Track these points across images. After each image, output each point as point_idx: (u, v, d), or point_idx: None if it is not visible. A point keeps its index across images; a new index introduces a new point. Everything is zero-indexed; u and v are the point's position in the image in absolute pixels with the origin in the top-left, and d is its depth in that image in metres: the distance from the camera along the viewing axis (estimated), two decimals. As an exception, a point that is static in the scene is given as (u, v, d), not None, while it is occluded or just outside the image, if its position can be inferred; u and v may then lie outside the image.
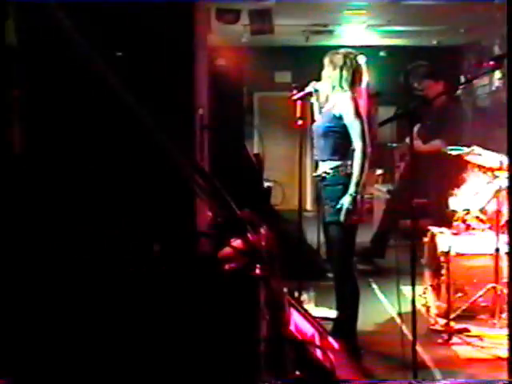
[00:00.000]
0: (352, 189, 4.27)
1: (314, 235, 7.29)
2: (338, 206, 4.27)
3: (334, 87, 4.46)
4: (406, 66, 11.20)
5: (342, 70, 4.44)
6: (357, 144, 4.31)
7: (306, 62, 9.14)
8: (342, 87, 4.42)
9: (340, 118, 4.36)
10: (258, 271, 2.08)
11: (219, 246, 2.16)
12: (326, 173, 4.39)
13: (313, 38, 9.67)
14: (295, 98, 4.79)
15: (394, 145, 8.34)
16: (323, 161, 4.42)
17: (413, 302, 3.74)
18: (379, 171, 10.16)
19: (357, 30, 9.53)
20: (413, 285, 3.73)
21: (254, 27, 7.67)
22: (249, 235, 2.10)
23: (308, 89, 4.67)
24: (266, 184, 6.80)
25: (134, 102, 1.99)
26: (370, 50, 10.77)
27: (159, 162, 2.06)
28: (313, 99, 4.69)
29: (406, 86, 11.17)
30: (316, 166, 4.62)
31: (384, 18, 8.73)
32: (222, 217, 2.23)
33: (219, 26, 7.32)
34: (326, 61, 4.52)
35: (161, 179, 2.08)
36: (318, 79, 4.61)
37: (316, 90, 4.62)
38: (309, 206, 10.68)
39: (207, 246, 2.18)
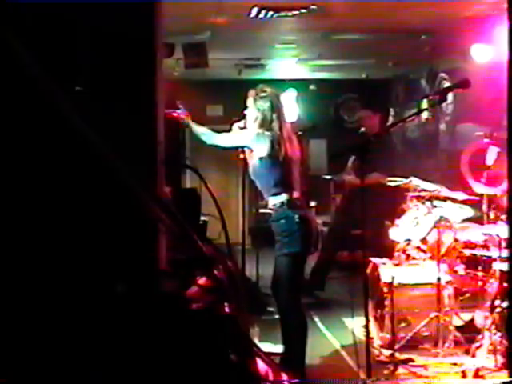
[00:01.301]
0: None
1: (251, 269, 7.28)
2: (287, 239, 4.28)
3: (261, 128, 4.45)
4: (336, 98, 11.42)
5: (269, 111, 4.43)
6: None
7: (239, 95, 9.16)
8: (263, 128, 4.43)
9: (261, 158, 4.38)
10: (226, 309, 2.02)
11: (184, 284, 2.09)
12: (270, 209, 4.43)
13: (245, 72, 9.72)
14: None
15: (330, 177, 8.41)
16: (267, 199, 4.47)
17: (367, 334, 3.72)
18: (313, 203, 10.23)
19: (288, 64, 9.65)
20: (366, 316, 3.72)
21: (188, 61, 7.63)
22: (215, 272, 2.04)
23: (233, 131, 4.69)
24: (202, 218, 6.74)
25: (93, 135, 1.92)
26: (300, 83, 11.03)
27: (122, 198, 1.98)
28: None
29: (337, 118, 11.38)
30: (255, 209, 4.70)
31: (314, 52, 8.85)
32: (186, 253, 2.16)
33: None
34: (250, 103, 4.54)
35: (122, 215, 2.00)
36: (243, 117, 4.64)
37: (242, 129, 4.62)
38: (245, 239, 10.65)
39: (172, 284, 2.10)
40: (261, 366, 3.32)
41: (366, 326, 3.73)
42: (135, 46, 2.04)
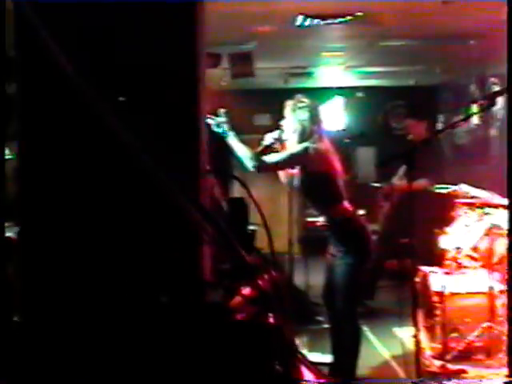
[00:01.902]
0: None
1: (300, 278, 7.23)
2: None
3: (299, 139, 4.39)
4: (384, 106, 11.32)
5: (308, 122, 4.38)
6: None
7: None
8: (307, 139, 4.36)
9: (315, 174, 4.34)
10: (269, 320, 2.00)
11: (228, 294, 2.08)
12: (327, 221, 4.39)
13: (292, 80, 9.71)
14: (257, 151, 4.56)
15: (379, 185, 8.32)
16: (321, 214, 4.44)
17: (417, 343, 3.66)
18: (361, 212, 10.13)
19: (335, 72, 9.60)
20: (415, 325, 3.66)
21: (235, 71, 7.66)
22: (259, 282, 2.02)
23: (266, 142, 4.52)
24: (250, 228, 6.72)
25: (137, 147, 1.92)
26: (348, 91, 10.97)
27: (166, 209, 1.98)
28: (276, 146, 4.53)
29: (385, 126, 11.27)
30: (302, 218, 4.63)
31: (362, 59, 8.79)
32: (230, 263, 2.16)
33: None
34: (287, 113, 4.47)
35: (167, 227, 2.00)
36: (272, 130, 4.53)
37: (277, 139, 4.50)
38: (295, 248, 10.60)
39: (215, 295, 2.09)
40: (308, 376, 3.29)
41: (415, 336, 3.67)
42: (177, 55, 2.05)
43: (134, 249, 2.05)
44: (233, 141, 4.40)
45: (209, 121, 4.40)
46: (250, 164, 4.36)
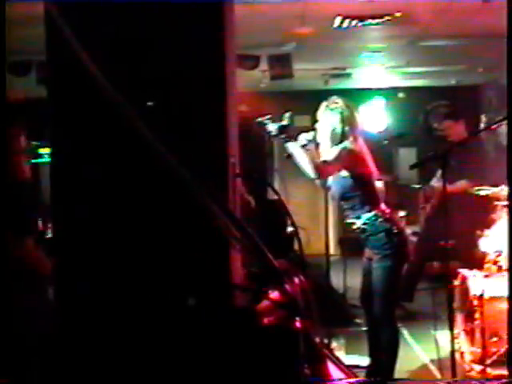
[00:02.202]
0: None
1: (339, 280, 7.20)
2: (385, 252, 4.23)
3: (332, 141, 4.37)
4: (425, 106, 11.19)
5: (338, 123, 4.34)
6: None
7: (325, 105, 9.16)
8: (340, 141, 4.33)
9: (351, 176, 4.32)
10: (297, 324, 2.00)
11: (256, 298, 2.08)
12: (364, 224, 4.35)
13: (332, 81, 9.68)
14: (288, 154, 4.52)
15: (419, 186, 8.24)
16: (358, 217, 4.37)
17: (452, 347, 3.62)
18: (402, 213, 10.04)
19: (376, 72, 9.54)
20: (451, 329, 3.62)
21: (274, 72, 7.67)
22: (287, 286, 2.03)
23: (300, 141, 4.45)
24: (288, 229, 6.73)
25: (165, 151, 1.94)
26: (389, 92, 10.88)
27: (193, 212, 2.00)
28: (309, 147, 4.46)
29: (426, 126, 11.14)
30: (342, 220, 4.55)
31: (402, 60, 8.72)
32: (258, 268, 2.16)
33: (238, 72, 7.33)
34: (321, 116, 4.44)
35: (196, 230, 2.01)
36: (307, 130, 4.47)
37: (311, 141, 4.46)
38: (332, 250, 10.55)
39: (244, 299, 2.10)
40: (342, 379, 3.28)
41: (452, 341, 3.63)
42: (204, 58, 2.06)
43: (163, 251, 2.07)
44: (294, 148, 4.31)
45: (270, 126, 4.32)
46: (310, 172, 4.29)
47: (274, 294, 2.06)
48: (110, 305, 2.06)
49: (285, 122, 4.33)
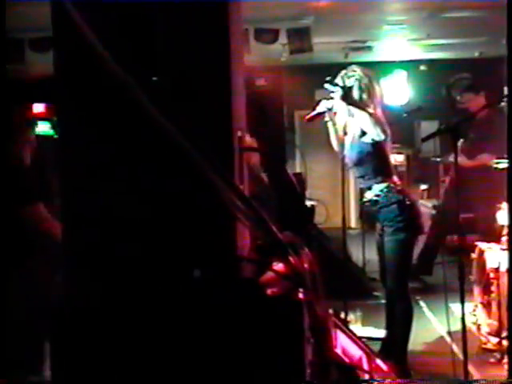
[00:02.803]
0: None
1: (358, 253, 7.23)
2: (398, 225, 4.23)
3: (349, 110, 4.33)
4: (448, 79, 11.08)
5: (356, 90, 4.31)
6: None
7: (346, 78, 9.11)
8: (358, 107, 4.27)
9: (368, 139, 4.29)
10: (301, 295, 2.04)
11: (261, 270, 2.12)
12: (377, 196, 4.33)
13: (352, 55, 9.63)
14: (307, 118, 4.59)
15: (438, 159, 8.21)
16: (369, 188, 4.37)
17: (463, 320, 3.64)
18: (423, 186, 10.01)
19: (396, 45, 9.47)
20: (462, 302, 3.63)
21: (293, 46, 7.65)
22: (291, 258, 2.06)
23: (319, 108, 4.48)
24: (309, 203, 6.75)
25: (170, 126, 1.98)
26: (410, 64, 10.81)
27: (199, 187, 2.03)
28: (327, 118, 4.51)
29: (449, 99, 11.03)
30: (361, 193, 4.54)
31: (424, 32, 8.65)
32: (263, 240, 2.20)
33: (258, 45, 7.33)
34: (339, 82, 4.40)
35: (200, 203, 2.05)
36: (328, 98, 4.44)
37: (330, 109, 4.46)
38: (353, 223, 10.58)
39: (249, 270, 2.14)
40: (354, 350, 3.32)
41: (462, 314, 3.64)
42: (209, 34, 2.08)
43: (171, 225, 2.11)
44: (357, 110, 4.26)
45: (329, 86, 4.29)
46: (376, 131, 4.24)
47: (279, 266, 2.10)
48: (119, 278, 2.11)
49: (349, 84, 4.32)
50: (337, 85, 4.26)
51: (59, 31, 2.09)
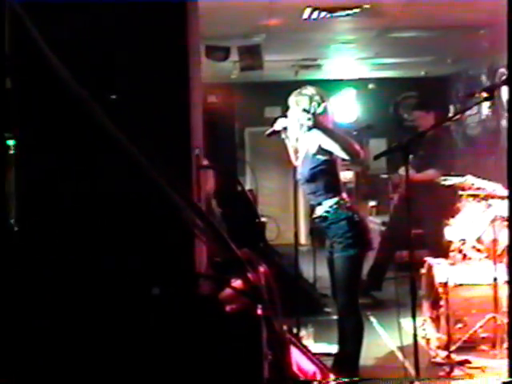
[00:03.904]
0: None
1: (309, 269, 7.28)
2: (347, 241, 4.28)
3: (301, 127, 4.39)
4: (395, 97, 11.32)
5: (307, 111, 4.36)
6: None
7: (296, 96, 9.21)
8: (309, 127, 4.35)
9: (319, 153, 4.35)
10: (259, 312, 2.05)
11: (219, 287, 2.13)
12: (326, 212, 4.37)
13: (302, 73, 9.73)
14: (266, 134, 4.66)
15: (387, 176, 8.34)
16: (319, 204, 4.41)
17: (414, 335, 3.70)
18: (372, 203, 10.16)
19: (345, 63, 9.61)
20: (413, 317, 3.69)
21: (244, 63, 7.70)
22: (249, 275, 2.07)
23: (276, 126, 4.56)
24: (259, 219, 6.78)
25: (128, 144, 1.97)
26: (359, 83, 10.97)
27: (157, 204, 2.03)
28: (283, 136, 4.57)
29: (396, 117, 11.28)
30: (312, 209, 4.58)
31: (372, 51, 8.79)
32: (221, 257, 2.21)
33: (209, 63, 7.36)
34: (291, 102, 4.47)
35: (159, 221, 2.05)
36: (285, 116, 4.54)
37: (285, 128, 4.52)
38: (303, 240, 10.64)
39: (207, 287, 2.15)
40: (308, 366, 3.34)
41: (414, 329, 3.71)
42: (168, 50, 2.08)
43: (128, 242, 2.10)
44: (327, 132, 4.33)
45: (301, 115, 4.33)
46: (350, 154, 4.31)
47: (237, 283, 2.10)
48: (73, 295, 2.09)
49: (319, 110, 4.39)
50: (308, 112, 4.32)
51: (15, 46, 2.08)
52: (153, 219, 2.07)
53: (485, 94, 3.95)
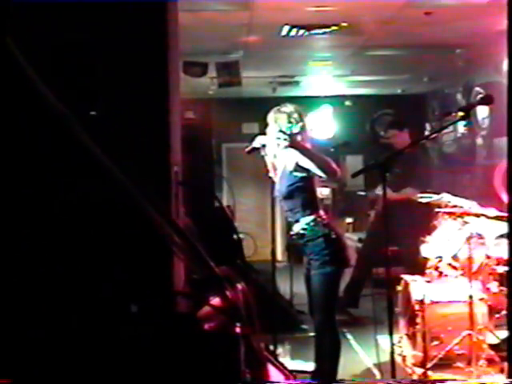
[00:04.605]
0: None
1: (286, 286, 7.27)
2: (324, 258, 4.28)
3: (279, 145, 4.39)
4: (372, 114, 11.39)
5: (284, 132, 4.36)
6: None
7: (274, 112, 9.25)
8: (287, 145, 4.35)
9: (296, 170, 4.37)
10: (238, 329, 2.04)
11: (197, 304, 2.11)
12: (303, 229, 4.38)
13: (280, 89, 9.77)
14: (246, 151, 4.67)
15: (364, 193, 8.39)
16: (297, 221, 4.42)
17: (391, 353, 3.71)
18: (349, 219, 10.20)
19: (322, 81, 9.67)
20: (390, 335, 3.70)
21: (222, 80, 7.72)
22: (227, 293, 2.06)
23: (254, 144, 4.57)
24: (236, 236, 6.76)
25: (107, 160, 1.96)
26: (336, 100, 11.04)
27: (135, 220, 2.02)
28: (263, 153, 4.59)
29: (372, 134, 11.35)
30: (289, 226, 4.58)
31: (348, 69, 8.87)
32: (199, 274, 2.19)
33: (186, 79, 7.36)
34: (270, 119, 4.50)
35: (136, 238, 2.04)
36: (264, 133, 4.57)
37: (263, 145, 4.54)
38: (279, 256, 10.64)
39: (185, 305, 2.13)
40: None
41: (391, 345, 3.71)
42: (147, 67, 2.08)
43: (106, 259, 2.08)
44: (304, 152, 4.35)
45: (278, 135, 4.34)
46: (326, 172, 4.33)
47: (215, 300, 2.09)
48: (49, 313, 2.06)
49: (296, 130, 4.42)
50: (285, 133, 4.33)
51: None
52: (131, 236, 2.05)
53: (461, 113, 4.00)
